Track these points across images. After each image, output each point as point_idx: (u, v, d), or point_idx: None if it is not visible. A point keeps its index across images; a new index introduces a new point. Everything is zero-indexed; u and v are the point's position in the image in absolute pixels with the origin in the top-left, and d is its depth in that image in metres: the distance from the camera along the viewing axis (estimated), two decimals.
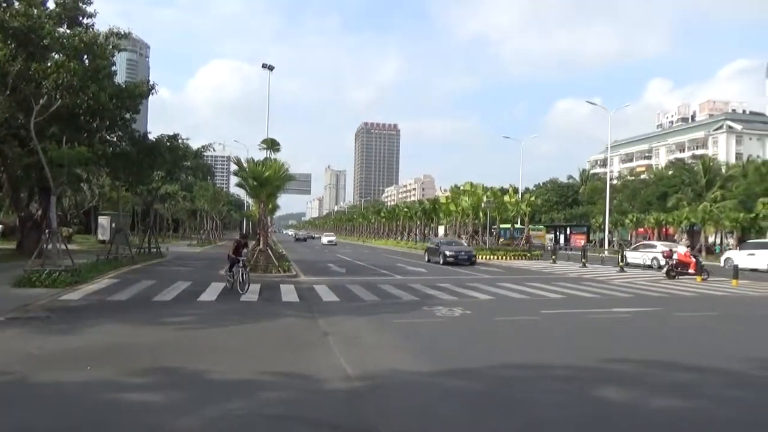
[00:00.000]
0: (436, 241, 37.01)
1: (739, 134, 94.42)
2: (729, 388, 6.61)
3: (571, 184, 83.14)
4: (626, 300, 15.22)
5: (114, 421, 5.04)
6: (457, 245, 32.69)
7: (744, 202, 46.44)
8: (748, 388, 6.68)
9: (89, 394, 5.77)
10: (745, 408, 5.80)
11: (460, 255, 29.33)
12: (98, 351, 7.79)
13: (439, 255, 29.87)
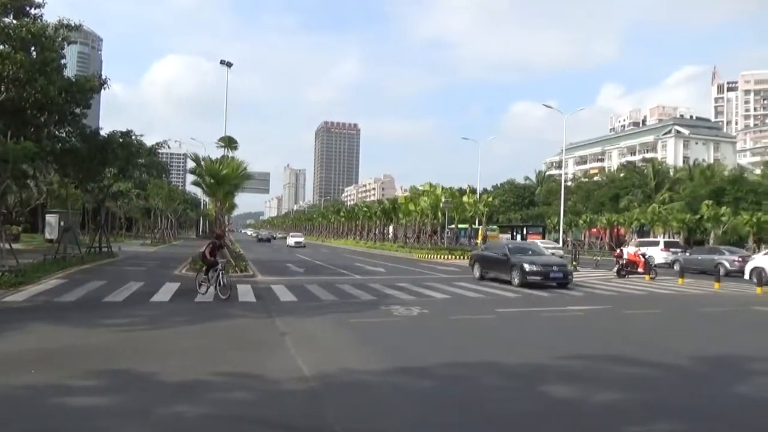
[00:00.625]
0: (496, 245, 23.74)
1: (686, 139, 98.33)
2: (671, 382, 6.88)
3: (527, 185, 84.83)
4: (579, 298, 15.64)
5: (58, 426, 4.87)
6: (539, 253, 20.23)
7: (690, 204, 48.36)
8: (689, 380, 6.97)
9: (33, 398, 5.56)
10: (687, 399, 6.04)
11: (552, 272, 17.96)
12: (43, 354, 7.52)
13: (512, 270, 18.50)
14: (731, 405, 5.95)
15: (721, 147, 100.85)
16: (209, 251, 14.26)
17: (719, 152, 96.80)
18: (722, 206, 43.43)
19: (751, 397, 6.29)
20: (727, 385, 6.76)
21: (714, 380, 7.06)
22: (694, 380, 7.04)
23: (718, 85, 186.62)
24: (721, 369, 7.67)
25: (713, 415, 5.55)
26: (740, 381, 6.98)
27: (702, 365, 7.82)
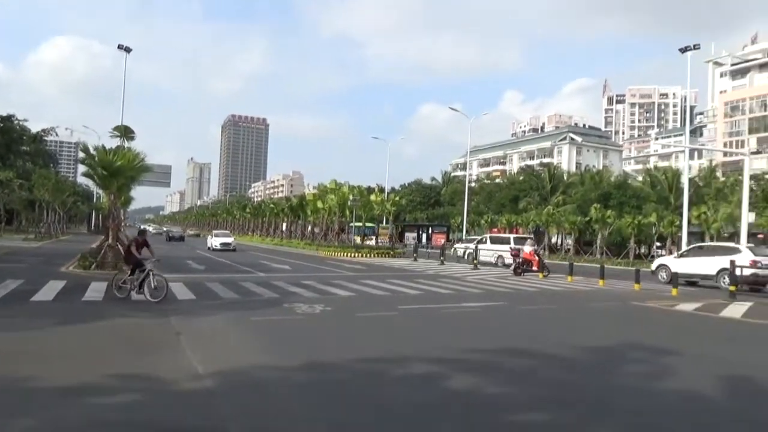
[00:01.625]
0: None
1: (579, 146, 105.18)
2: (556, 372, 7.34)
3: (433, 185, 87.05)
4: (477, 295, 16.26)
5: None
6: None
7: (581, 207, 51.71)
8: (575, 370, 7.46)
9: None
10: (569, 388, 6.47)
11: None
12: None
13: None
14: (606, 391, 6.44)
15: (609, 154, 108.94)
16: (135, 248, 13.06)
17: (607, 159, 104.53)
18: (608, 209, 46.82)
19: (623, 383, 6.84)
20: (603, 373, 7.32)
21: (592, 369, 7.60)
22: (577, 370, 7.54)
23: (608, 97, 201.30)
24: (599, 359, 8.28)
25: (592, 403, 5.97)
26: (615, 369, 7.58)
27: (583, 355, 8.40)
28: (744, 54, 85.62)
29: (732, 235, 40.36)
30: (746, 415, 5.73)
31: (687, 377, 7.09)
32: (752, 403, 6.24)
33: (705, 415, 5.70)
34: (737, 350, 9.39)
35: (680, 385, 6.68)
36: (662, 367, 7.63)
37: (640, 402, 5.97)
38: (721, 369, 7.69)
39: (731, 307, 14.43)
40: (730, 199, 40.78)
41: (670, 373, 7.29)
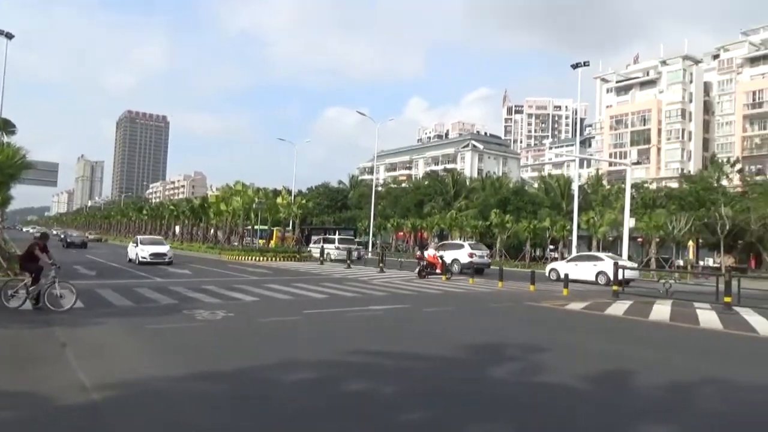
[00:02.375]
0: None
1: (481, 153, 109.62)
2: (450, 370, 7.59)
3: (341, 188, 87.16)
4: (383, 298, 16.47)
5: None
6: None
7: (482, 212, 53.90)
8: (470, 369, 7.74)
9: None
10: (461, 385, 6.71)
11: None
12: None
13: None
14: (497, 387, 6.74)
15: (508, 162, 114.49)
16: (36, 253, 11.94)
17: (507, 166, 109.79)
18: (507, 214, 49.18)
19: (506, 378, 7.20)
20: (493, 370, 7.66)
21: (484, 367, 7.92)
22: (470, 369, 7.83)
23: (507, 107, 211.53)
24: (492, 357, 8.65)
25: (482, 400, 6.23)
26: (505, 365, 7.96)
27: (478, 355, 8.78)
28: (627, 72, 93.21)
29: (616, 239, 43.79)
30: (610, 404, 6.22)
31: (566, 371, 7.56)
32: (618, 393, 6.77)
33: (579, 404, 6.13)
34: (614, 345, 10.17)
35: (559, 379, 7.12)
36: (546, 362, 8.11)
37: (524, 396, 6.31)
38: (598, 362, 8.30)
39: (614, 306, 15.64)
40: (614, 206, 44.13)
41: (551, 368, 7.74)
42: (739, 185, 52.05)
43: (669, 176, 74.56)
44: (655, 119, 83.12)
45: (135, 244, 30.79)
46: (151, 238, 35.87)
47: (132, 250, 30.77)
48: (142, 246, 29.84)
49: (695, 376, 7.54)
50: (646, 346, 10.08)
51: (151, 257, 28.81)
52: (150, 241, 31.88)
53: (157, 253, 29.24)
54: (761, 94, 72.98)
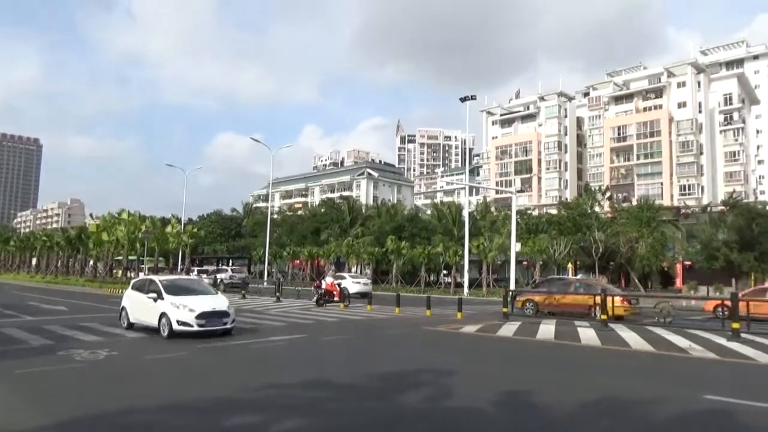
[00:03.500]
0: None
1: (376, 180, 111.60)
2: (351, 401, 7.51)
3: (234, 216, 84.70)
4: (281, 328, 16.05)
5: None
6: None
7: (378, 238, 54.64)
8: (368, 398, 7.70)
9: None
10: (362, 416, 6.66)
11: None
12: None
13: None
14: (398, 414, 6.77)
15: (402, 189, 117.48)
16: None
17: (401, 194, 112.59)
18: (402, 240, 50.24)
19: (418, 406, 7.26)
20: (402, 397, 7.69)
21: (385, 395, 7.93)
22: (370, 397, 7.80)
23: (401, 137, 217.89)
24: (396, 383, 8.68)
25: (383, 428, 6.21)
26: (413, 392, 8.02)
27: (377, 382, 8.75)
28: (510, 106, 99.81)
29: (504, 263, 46.13)
30: (511, 425, 6.47)
31: (472, 394, 7.77)
32: (518, 414, 7.06)
33: (484, 427, 6.30)
34: (507, 366, 10.62)
35: (468, 403, 7.30)
36: (453, 386, 8.30)
37: (427, 423, 6.38)
38: (499, 384, 8.61)
39: (505, 327, 16.36)
40: (501, 231, 46.56)
41: (458, 392, 7.94)
42: (609, 211, 57.03)
43: (549, 203, 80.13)
44: (535, 150, 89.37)
45: (155, 295, 14.02)
46: (186, 280, 17.98)
47: (143, 308, 14.53)
48: (174, 298, 13.77)
49: (590, 393, 8.03)
50: (537, 366, 10.61)
51: (201, 323, 13.36)
52: (186, 289, 14.87)
53: (214, 312, 13.74)
54: (625, 129, 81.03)
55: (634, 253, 44.94)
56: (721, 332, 14.42)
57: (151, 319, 13.98)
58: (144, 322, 14.39)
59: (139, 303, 14.69)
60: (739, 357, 11.35)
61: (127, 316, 15.17)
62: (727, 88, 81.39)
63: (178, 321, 13.13)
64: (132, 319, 14.95)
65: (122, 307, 15.55)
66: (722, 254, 43.01)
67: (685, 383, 8.95)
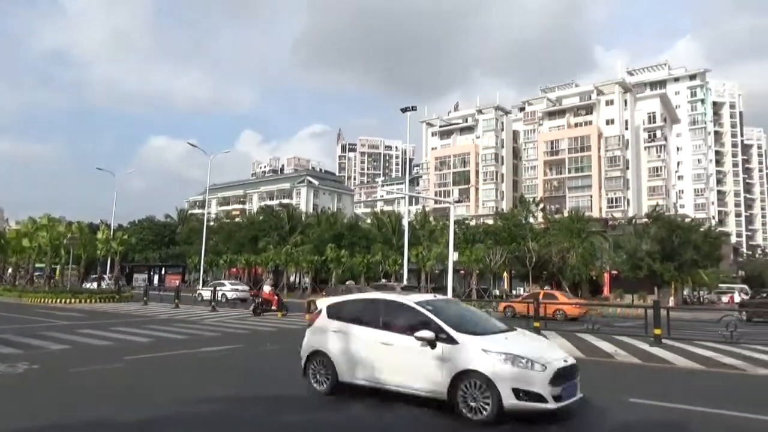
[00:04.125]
0: None
1: (316, 188, 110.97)
2: (294, 413, 7.40)
3: (168, 223, 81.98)
4: (215, 339, 15.62)
5: None
6: None
7: (318, 247, 54.29)
8: (311, 410, 7.59)
9: None
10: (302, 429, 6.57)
11: None
12: None
13: None
14: (345, 427, 6.72)
15: (343, 198, 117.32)
16: None
17: (341, 202, 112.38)
18: (342, 249, 50.16)
19: (361, 414, 7.22)
20: (346, 407, 7.62)
21: (329, 408, 7.84)
22: (314, 409, 7.69)
23: (342, 145, 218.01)
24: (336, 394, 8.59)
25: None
26: (355, 402, 7.96)
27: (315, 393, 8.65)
28: (449, 118, 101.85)
29: (442, 272, 46.84)
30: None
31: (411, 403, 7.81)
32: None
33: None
34: None
35: (406, 410, 7.30)
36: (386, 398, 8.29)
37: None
38: None
39: None
40: (439, 241, 47.33)
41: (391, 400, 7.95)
42: (542, 222, 59.08)
43: (486, 213, 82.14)
44: (473, 162, 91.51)
45: (430, 335, 7.23)
46: None
47: (388, 358, 7.75)
48: (481, 341, 7.28)
49: None
50: None
51: (556, 393, 6.78)
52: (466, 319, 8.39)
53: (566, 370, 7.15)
54: (558, 143, 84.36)
55: (566, 262, 46.70)
56: (644, 338, 15.17)
57: (419, 381, 7.33)
58: (391, 384, 7.60)
59: (375, 348, 7.82)
60: (661, 361, 11.98)
61: (331, 370, 8.22)
62: (650, 107, 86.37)
63: (519, 391, 6.64)
64: (347, 376, 8.05)
65: (312, 351, 8.63)
66: (646, 264, 45.37)
67: (611, 387, 9.34)
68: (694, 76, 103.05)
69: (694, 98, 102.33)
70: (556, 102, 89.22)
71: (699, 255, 46.61)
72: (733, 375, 10.59)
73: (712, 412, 7.33)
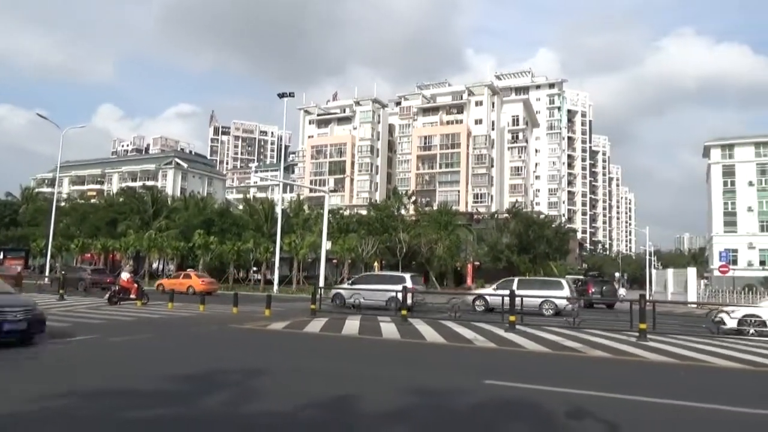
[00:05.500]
0: None
1: (185, 171, 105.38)
2: (157, 408, 6.97)
3: (10, 202, 73.31)
4: (64, 330, 14.25)
5: None
6: None
7: (184, 232, 51.62)
8: (168, 404, 7.19)
9: None
10: (161, 426, 6.22)
11: None
12: None
13: None
14: (202, 423, 6.45)
15: (213, 182, 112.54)
16: None
17: (212, 187, 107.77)
18: (211, 235, 48.13)
19: (218, 411, 6.98)
20: (202, 398, 7.30)
21: (189, 399, 7.48)
22: (170, 403, 7.30)
23: (214, 127, 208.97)
24: (196, 387, 8.21)
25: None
26: (219, 395, 7.67)
27: (179, 386, 8.18)
28: (327, 107, 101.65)
29: (314, 261, 46.76)
30: (340, 423, 6.57)
31: (281, 395, 7.70)
32: (326, 411, 7.18)
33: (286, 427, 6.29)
34: (314, 362, 10.78)
35: (265, 402, 7.20)
36: (262, 387, 8.12)
37: (234, 428, 6.18)
38: (310, 382, 8.67)
39: (312, 323, 16.57)
40: (313, 229, 47.20)
41: (268, 392, 7.80)
42: (413, 214, 61.22)
43: (360, 204, 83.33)
44: (349, 152, 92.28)
45: None
46: None
47: None
48: None
49: (392, 385, 8.45)
50: (344, 361, 10.93)
51: None
52: None
53: None
54: (431, 139, 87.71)
55: (433, 253, 48.84)
56: (500, 324, 16.31)
57: None
58: None
59: None
60: (513, 345, 12.95)
61: None
62: (515, 110, 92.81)
63: None
64: None
65: None
66: (505, 256, 48.81)
67: (469, 371, 9.92)
68: (553, 85, 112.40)
69: (552, 105, 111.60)
70: (431, 99, 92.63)
71: (550, 248, 51.06)
72: (574, 357, 11.73)
73: (555, 390, 8.05)
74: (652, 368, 10.63)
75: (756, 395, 8.39)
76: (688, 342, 14.11)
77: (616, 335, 15.00)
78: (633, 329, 14.81)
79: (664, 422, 6.64)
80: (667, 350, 12.48)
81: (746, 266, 69.08)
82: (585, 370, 10.45)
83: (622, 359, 11.48)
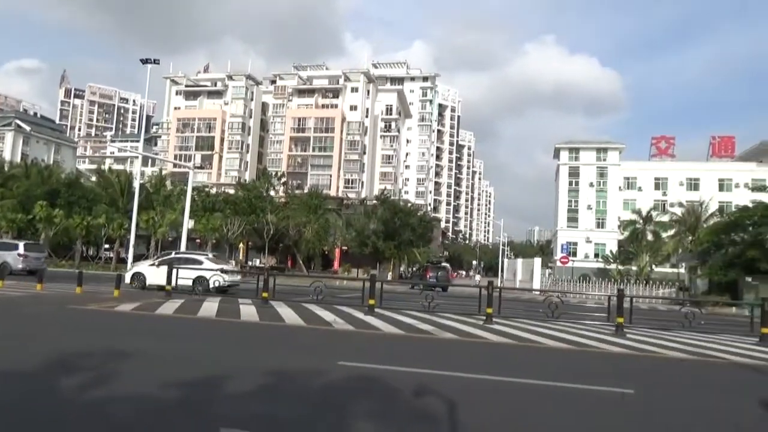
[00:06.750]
0: None
1: (27, 135, 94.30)
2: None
3: None
4: None
5: None
6: None
7: (24, 203, 46.44)
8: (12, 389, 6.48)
9: None
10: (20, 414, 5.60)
11: None
12: None
13: None
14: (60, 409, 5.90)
15: (62, 149, 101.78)
16: None
17: (60, 155, 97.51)
18: (57, 208, 43.77)
19: (74, 397, 6.42)
20: (53, 383, 6.66)
21: (36, 380, 6.80)
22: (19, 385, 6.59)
23: (66, 89, 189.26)
24: (39, 371, 7.48)
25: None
26: (66, 380, 7.02)
27: (22, 366, 7.42)
28: (197, 79, 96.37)
29: (175, 240, 44.41)
30: (197, 407, 6.29)
31: (134, 378, 7.24)
32: (197, 394, 6.89)
33: (157, 416, 5.95)
34: (169, 344, 10.28)
35: (132, 389, 6.76)
36: (114, 371, 7.55)
37: (92, 416, 5.73)
38: (162, 365, 8.23)
39: (166, 305, 15.76)
40: (175, 207, 44.73)
41: (117, 377, 7.28)
42: (283, 196, 60.37)
43: (228, 183, 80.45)
44: (219, 128, 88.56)
45: None
46: None
47: None
48: None
49: (255, 367, 8.29)
50: (197, 343, 10.53)
51: None
52: None
53: None
54: (305, 121, 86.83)
55: (302, 236, 48.62)
56: (360, 308, 16.69)
57: None
58: None
59: None
60: (371, 328, 13.34)
61: None
62: (389, 100, 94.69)
63: None
64: None
65: None
66: (371, 242, 49.91)
67: (325, 352, 10.06)
68: (427, 79, 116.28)
69: (424, 98, 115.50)
70: (307, 81, 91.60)
71: (415, 236, 53.06)
72: (426, 339, 12.36)
73: (404, 370, 8.43)
74: (493, 348, 11.54)
75: (571, 372, 9.45)
76: (527, 325, 15.49)
77: (467, 318, 16.04)
78: (481, 313, 15.94)
79: (493, 395, 7.26)
80: (509, 332, 13.61)
81: (584, 258, 77.16)
82: (434, 351, 11.06)
83: (469, 341, 12.31)
